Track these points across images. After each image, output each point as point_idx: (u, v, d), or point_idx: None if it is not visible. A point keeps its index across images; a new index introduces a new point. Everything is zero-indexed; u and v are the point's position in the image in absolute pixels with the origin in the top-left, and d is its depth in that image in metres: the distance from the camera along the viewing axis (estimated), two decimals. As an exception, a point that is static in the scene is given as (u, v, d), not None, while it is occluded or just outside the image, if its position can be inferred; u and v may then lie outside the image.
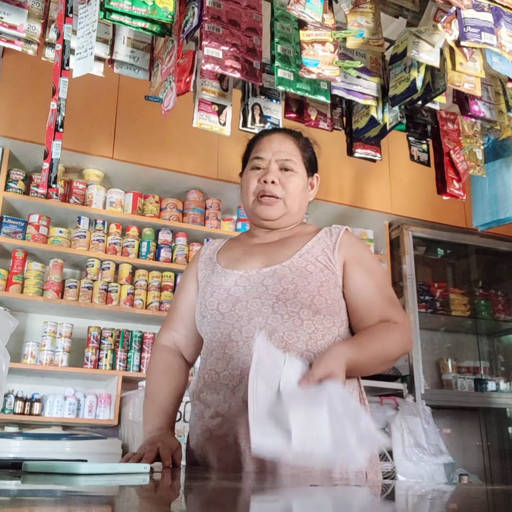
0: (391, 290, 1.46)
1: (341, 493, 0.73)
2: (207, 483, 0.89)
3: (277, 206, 1.48)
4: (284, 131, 1.59)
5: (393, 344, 1.35)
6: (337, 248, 1.44)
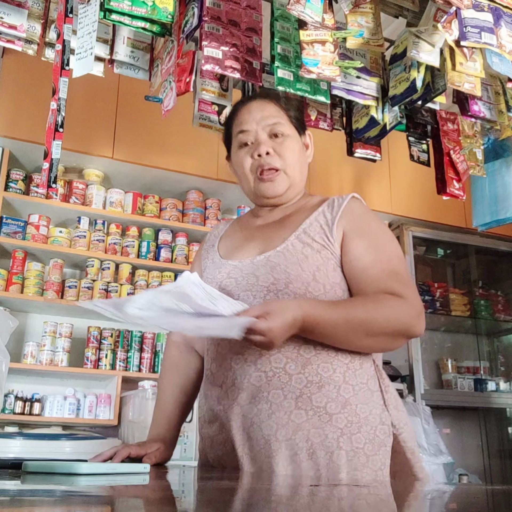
0: (401, 266, 1.27)
1: (341, 493, 0.73)
2: (207, 483, 0.89)
3: (280, 180, 1.35)
4: (260, 96, 1.46)
5: (384, 314, 1.18)
6: (336, 223, 1.29)
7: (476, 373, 4.09)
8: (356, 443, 1.16)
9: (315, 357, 1.20)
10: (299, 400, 1.17)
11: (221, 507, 0.60)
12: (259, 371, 1.20)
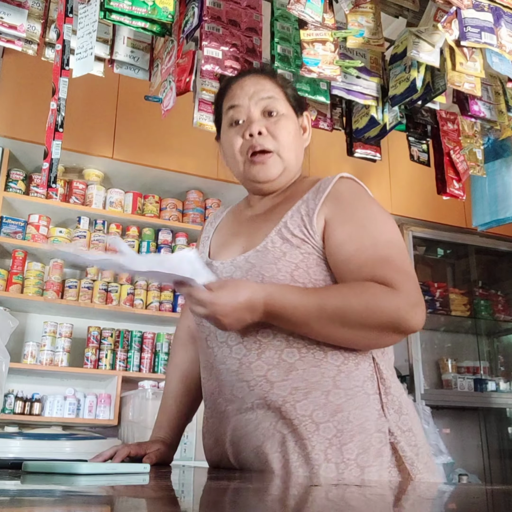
0: (393, 251, 1.09)
1: (341, 493, 0.73)
2: (207, 483, 0.89)
3: (273, 163, 1.21)
4: (254, 71, 1.31)
5: (363, 303, 1.02)
6: (317, 211, 1.14)
7: (476, 373, 4.09)
8: (348, 454, 1.05)
9: (300, 361, 1.09)
10: (282, 409, 1.07)
11: (221, 507, 0.60)
12: (241, 381, 1.12)
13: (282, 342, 1.10)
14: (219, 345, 1.16)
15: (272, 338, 1.10)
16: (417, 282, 1.08)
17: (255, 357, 1.10)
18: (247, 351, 1.11)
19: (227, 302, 1.01)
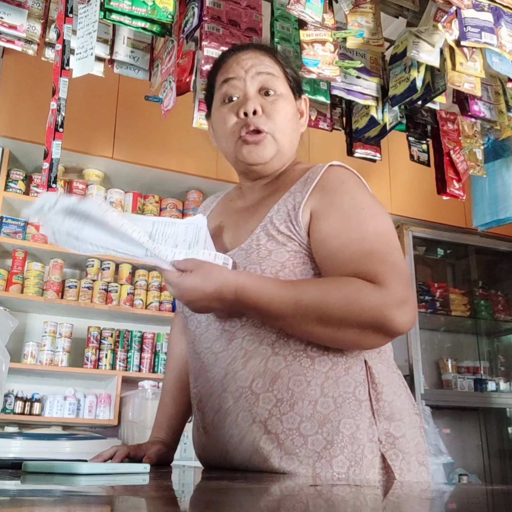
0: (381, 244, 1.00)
1: (341, 493, 0.73)
2: (207, 483, 0.89)
3: (267, 144, 1.13)
4: (253, 46, 1.21)
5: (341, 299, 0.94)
6: (303, 205, 1.06)
7: (476, 373, 4.09)
8: (338, 467, 0.97)
9: (285, 370, 1.02)
10: (268, 423, 1.00)
11: (221, 507, 0.60)
12: (225, 392, 1.05)
13: (268, 350, 1.04)
14: (204, 351, 1.11)
15: (258, 345, 1.04)
16: (406, 277, 0.98)
17: (240, 366, 1.05)
18: (232, 360, 1.06)
19: (193, 288, 0.97)
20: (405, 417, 1.07)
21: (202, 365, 1.11)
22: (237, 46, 1.25)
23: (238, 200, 1.25)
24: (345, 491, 0.75)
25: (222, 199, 1.33)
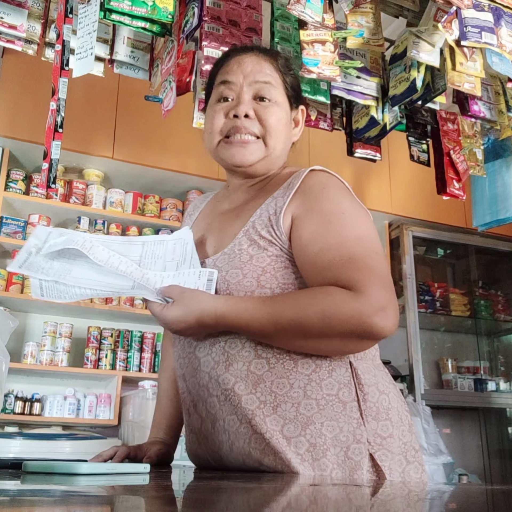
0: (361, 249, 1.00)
1: (341, 493, 0.73)
2: (207, 483, 0.89)
3: (255, 148, 1.13)
4: (257, 49, 1.20)
5: (318, 312, 0.95)
6: (284, 210, 1.06)
7: (476, 373, 4.09)
8: (320, 470, 0.98)
9: (268, 373, 1.02)
10: (252, 423, 1.01)
11: (221, 507, 0.60)
12: (211, 396, 1.06)
13: (251, 353, 1.04)
14: (189, 356, 1.12)
15: (241, 349, 1.05)
16: (386, 282, 0.98)
17: (223, 369, 1.05)
18: (215, 364, 1.06)
19: (175, 320, 1.01)
20: (393, 416, 1.07)
21: (187, 370, 1.12)
22: (242, 46, 1.26)
23: (224, 201, 1.24)
24: (344, 491, 0.75)
25: (211, 199, 1.33)
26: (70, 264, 1.06)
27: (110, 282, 1.05)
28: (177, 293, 1.02)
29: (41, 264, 1.06)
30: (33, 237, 1.09)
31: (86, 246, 1.05)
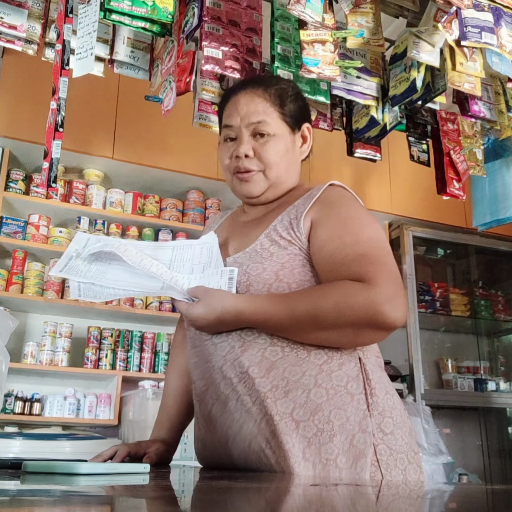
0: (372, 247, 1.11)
1: (341, 493, 0.73)
2: (207, 483, 0.89)
3: (257, 181, 1.27)
4: (252, 85, 1.32)
5: (332, 304, 1.04)
6: (305, 214, 1.18)
7: (476, 373, 4.09)
8: (327, 454, 1.04)
9: (282, 360, 1.10)
10: (263, 405, 1.08)
11: (221, 507, 0.60)
12: (225, 378, 1.13)
13: (266, 341, 1.12)
14: (204, 343, 1.19)
15: (257, 336, 1.13)
16: (396, 276, 1.10)
17: (238, 353, 1.13)
18: (231, 348, 1.14)
19: (198, 317, 1.11)
20: (396, 416, 1.14)
21: (202, 356, 1.19)
22: (238, 83, 1.39)
23: (242, 216, 1.37)
24: (344, 491, 0.75)
25: (230, 215, 1.45)
26: (105, 267, 1.17)
27: (141, 283, 1.16)
28: (201, 292, 1.12)
29: (80, 268, 1.17)
30: (74, 242, 1.21)
31: (121, 249, 1.16)
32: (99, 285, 1.16)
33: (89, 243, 1.20)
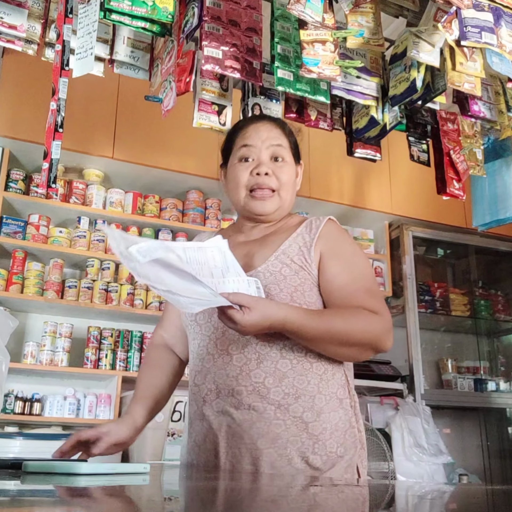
0: (372, 283, 1.37)
1: (341, 493, 0.73)
2: (206, 483, 0.89)
3: (273, 200, 1.42)
4: (268, 118, 1.53)
5: (361, 327, 1.26)
6: (314, 245, 1.36)
7: (476, 373, 4.09)
8: (330, 447, 1.28)
9: (291, 371, 1.28)
10: (277, 411, 1.26)
11: (221, 507, 0.60)
12: (240, 385, 1.27)
13: (277, 354, 1.29)
14: (219, 352, 1.31)
15: (269, 350, 1.28)
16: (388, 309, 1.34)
17: (255, 365, 1.28)
18: (247, 360, 1.28)
19: (253, 325, 1.17)
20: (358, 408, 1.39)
21: (215, 364, 1.31)
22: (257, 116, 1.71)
23: (238, 236, 1.47)
24: (344, 491, 0.75)
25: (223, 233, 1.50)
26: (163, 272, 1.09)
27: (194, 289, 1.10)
28: (250, 300, 1.17)
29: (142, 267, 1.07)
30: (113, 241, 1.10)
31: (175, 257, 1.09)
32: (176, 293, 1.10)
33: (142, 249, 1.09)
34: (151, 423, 1.42)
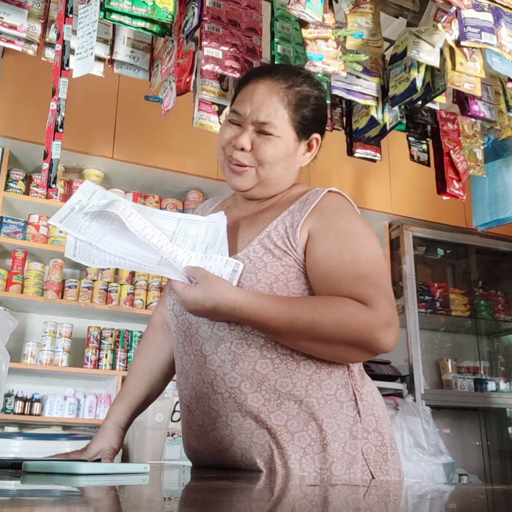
0: (372, 268, 1.09)
1: (341, 493, 0.73)
2: (206, 483, 0.89)
3: (246, 176, 1.20)
4: (277, 76, 1.22)
5: (334, 320, 1.02)
6: (302, 223, 1.14)
7: (476, 373, 4.09)
8: (320, 463, 1.07)
9: (273, 372, 1.09)
10: (258, 420, 1.08)
11: (221, 507, 0.60)
12: (215, 393, 1.11)
13: (256, 353, 1.10)
14: (194, 353, 1.15)
15: (246, 349, 1.10)
16: (393, 300, 1.08)
17: (229, 368, 1.10)
18: (221, 362, 1.11)
19: (194, 301, 1.04)
20: (378, 411, 1.16)
21: (192, 367, 1.16)
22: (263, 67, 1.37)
23: (233, 209, 1.30)
24: (344, 491, 0.75)
25: (220, 204, 1.37)
26: (106, 227, 1.08)
27: (139, 253, 1.08)
28: (201, 275, 1.05)
29: (80, 223, 1.08)
30: (79, 192, 1.10)
31: (126, 213, 1.06)
32: (96, 247, 1.07)
33: (94, 196, 1.10)
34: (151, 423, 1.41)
